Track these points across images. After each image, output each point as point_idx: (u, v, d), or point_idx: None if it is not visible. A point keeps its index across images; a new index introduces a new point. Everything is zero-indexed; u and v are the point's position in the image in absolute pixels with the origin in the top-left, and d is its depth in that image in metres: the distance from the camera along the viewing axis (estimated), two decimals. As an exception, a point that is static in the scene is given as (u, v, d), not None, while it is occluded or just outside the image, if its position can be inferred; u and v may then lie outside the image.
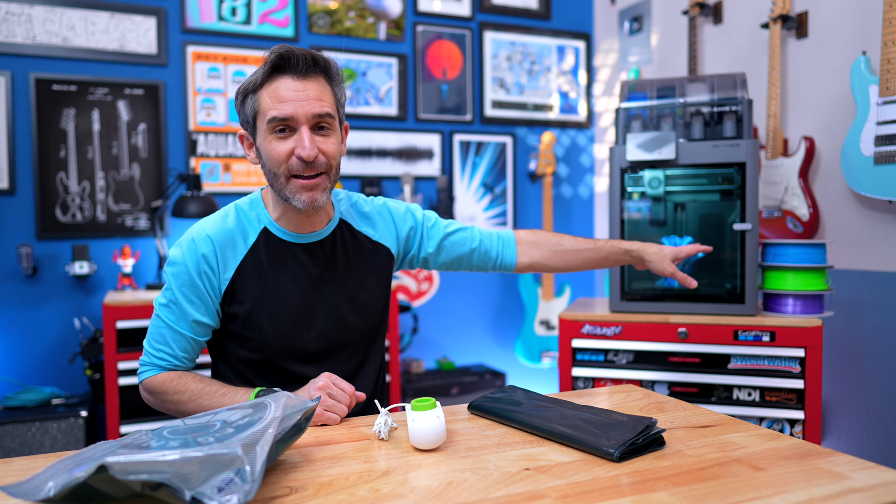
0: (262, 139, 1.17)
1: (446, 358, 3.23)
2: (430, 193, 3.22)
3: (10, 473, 0.84)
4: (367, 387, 1.31)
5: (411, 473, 0.84)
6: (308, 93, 1.13)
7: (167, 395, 1.19)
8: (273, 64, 1.14)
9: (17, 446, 2.24)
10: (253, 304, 1.20)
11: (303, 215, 1.21)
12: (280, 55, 1.13)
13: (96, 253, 2.67)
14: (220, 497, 0.66)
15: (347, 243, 1.29)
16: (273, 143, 1.15)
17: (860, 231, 2.14)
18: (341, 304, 1.26)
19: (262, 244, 1.21)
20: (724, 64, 2.70)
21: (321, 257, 1.25)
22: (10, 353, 2.57)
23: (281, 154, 1.14)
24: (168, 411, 1.22)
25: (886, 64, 1.90)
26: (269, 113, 1.13)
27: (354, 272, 1.28)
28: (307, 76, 1.14)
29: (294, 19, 2.96)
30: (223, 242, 1.19)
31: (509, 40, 3.38)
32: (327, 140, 1.17)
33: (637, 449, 0.89)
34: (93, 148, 2.67)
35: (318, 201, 1.16)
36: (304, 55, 1.14)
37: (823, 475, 0.81)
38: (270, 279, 1.21)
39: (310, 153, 1.13)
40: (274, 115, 1.13)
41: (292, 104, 1.12)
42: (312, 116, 1.14)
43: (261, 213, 1.23)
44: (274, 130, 1.14)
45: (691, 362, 1.91)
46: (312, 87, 1.14)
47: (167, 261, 1.22)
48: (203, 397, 1.15)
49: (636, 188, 2.02)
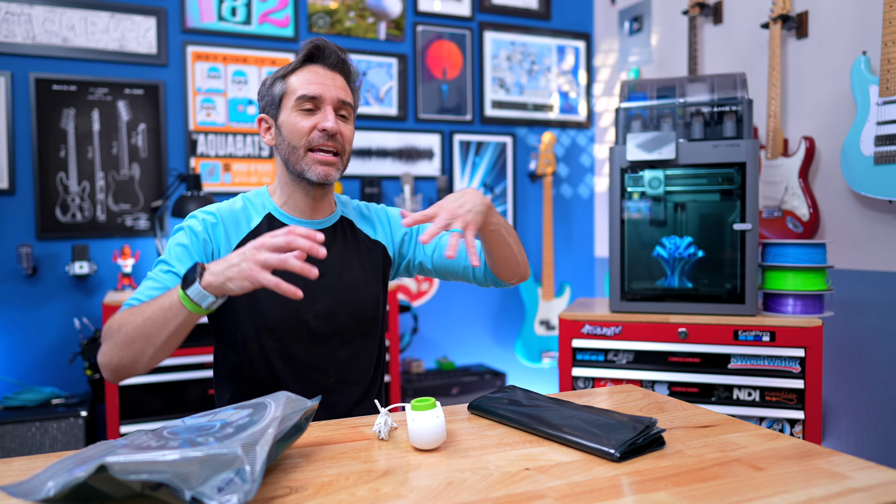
0: (286, 116, 1.24)
1: (446, 358, 3.23)
2: (430, 193, 3.22)
3: (10, 473, 0.84)
4: (361, 381, 1.32)
5: (411, 473, 0.84)
6: (335, 81, 1.26)
7: (112, 325, 1.10)
8: (308, 52, 1.25)
9: (17, 446, 2.24)
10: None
11: (310, 198, 1.28)
12: (316, 45, 1.24)
13: (96, 253, 2.67)
14: (220, 497, 0.66)
15: (347, 237, 1.34)
16: (298, 118, 1.23)
17: (860, 231, 2.14)
18: (339, 291, 1.28)
19: (265, 227, 1.26)
20: (724, 64, 2.70)
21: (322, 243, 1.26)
22: (10, 353, 2.57)
23: (304, 128, 1.22)
24: (117, 346, 1.09)
25: (886, 64, 1.90)
26: (299, 91, 1.23)
27: (353, 263, 1.32)
28: (335, 69, 1.27)
29: (294, 19, 2.96)
30: (227, 220, 1.25)
31: (509, 40, 3.38)
32: (346, 125, 1.27)
33: (637, 449, 0.89)
34: (93, 148, 2.67)
35: (331, 176, 1.24)
36: (337, 51, 1.27)
37: (823, 475, 0.81)
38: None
39: (333, 126, 1.22)
40: (303, 93, 1.22)
41: (321, 86, 1.23)
42: (337, 100, 1.24)
43: (266, 201, 1.30)
44: (301, 108, 1.23)
45: (691, 362, 1.91)
46: (339, 79, 1.27)
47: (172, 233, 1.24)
48: (141, 307, 1.08)
49: (636, 188, 2.02)
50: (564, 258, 3.53)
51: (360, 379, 1.32)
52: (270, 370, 1.24)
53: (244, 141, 2.91)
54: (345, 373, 1.30)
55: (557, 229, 3.49)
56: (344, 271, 1.30)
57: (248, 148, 2.91)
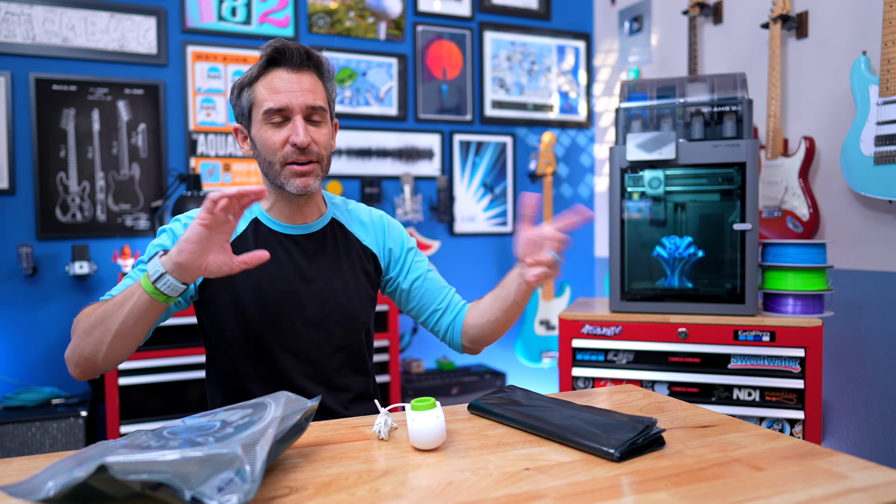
0: (257, 129, 1.21)
1: (446, 358, 3.23)
2: (430, 193, 3.22)
3: (10, 473, 0.84)
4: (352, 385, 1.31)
5: (411, 473, 0.84)
6: (302, 85, 1.19)
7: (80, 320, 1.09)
8: (269, 57, 1.19)
9: (17, 446, 2.24)
10: (236, 289, 1.20)
11: (294, 205, 1.25)
12: (276, 48, 1.18)
13: (96, 253, 2.67)
14: (220, 497, 0.66)
15: (338, 240, 1.31)
16: (269, 133, 1.19)
17: (860, 231, 2.14)
18: (328, 297, 1.26)
19: (250, 232, 1.24)
20: (724, 64, 2.70)
21: (310, 249, 1.27)
22: (10, 353, 2.57)
23: (276, 142, 1.18)
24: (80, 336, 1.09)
25: (886, 64, 1.90)
26: (265, 104, 1.18)
27: (343, 268, 1.29)
28: (301, 69, 1.20)
29: (294, 19, 2.96)
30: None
31: (509, 40, 3.38)
32: (319, 130, 1.21)
33: (637, 449, 0.89)
34: (93, 148, 2.67)
35: (310, 186, 1.21)
36: (299, 49, 1.19)
37: (823, 475, 0.81)
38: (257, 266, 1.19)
39: (304, 140, 1.17)
40: (270, 107, 1.17)
41: (287, 95, 1.17)
42: (306, 107, 1.19)
43: (253, 206, 1.26)
44: (269, 121, 1.19)
45: (691, 362, 1.91)
46: (306, 79, 1.20)
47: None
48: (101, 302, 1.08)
49: (636, 188, 2.02)
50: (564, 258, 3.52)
51: (350, 385, 1.31)
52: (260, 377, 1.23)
53: (244, 141, 2.91)
54: (335, 379, 1.28)
55: (557, 229, 3.48)
56: (333, 277, 1.27)
57: (248, 148, 2.91)
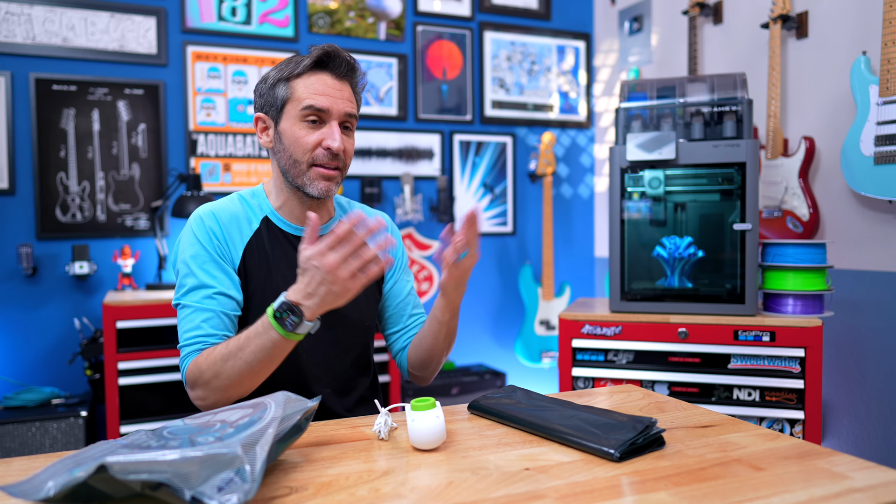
0: (289, 124, 1.20)
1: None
2: (430, 193, 3.22)
3: (10, 473, 0.84)
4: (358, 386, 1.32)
5: (411, 473, 0.84)
6: (343, 93, 1.21)
7: (205, 374, 1.08)
8: (317, 58, 1.19)
9: (17, 446, 2.24)
10: (255, 289, 1.21)
11: (305, 206, 1.25)
12: (326, 52, 1.19)
13: (96, 253, 2.67)
14: (220, 496, 0.66)
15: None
16: (302, 131, 1.19)
17: (860, 231, 2.14)
18: None
19: (264, 231, 1.24)
20: (724, 64, 2.70)
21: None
22: (10, 353, 2.57)
23: (309, 143, 1.19)
24: (220, 395, 1.09)
25: (886, 64, 1.90)
26: (306, 101, 1.18)
27: None
28: (343, 78, 1.22)
29: (294, 19, 2.96)
30: (228, 221, 1.21)
31: (509, 40, 3.38)
32: (349, 139, 1.23)
33: (637, 449, 0.89)
34: (93, 148, 2.67)
35: (331, 191, 1.22)
36: (347, 60, 1.21)
37: (823, 475, 0.81)
38: (273, 266, 1.22)
39: (339, 145, 1.18)
40: (311, 104, 1.17)
41: (329, 99, 1.18)
42: (343, 114, 1.21)
43: (262, 202, 1.26)
44: (305, 119, 1.18)
45: (691, 362, 1.91)
46: (346, 89, 1.22)
47: (178, 249, 1.20)
48: (236, 352, 1.06)
49: (636, 188, 2.02)
50: (564, 258, 3.53)
51: (357, 386, 1.32)
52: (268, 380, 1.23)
53: (244, 141, 2.91)
54: (343, 381, 1.29)
55: (557, 229, 3.49)
56: None
57: (248, 148, 2.91)
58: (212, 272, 1.16)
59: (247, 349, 1.05)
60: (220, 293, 1.15)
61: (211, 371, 1.08)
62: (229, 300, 1.16)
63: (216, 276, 1.16)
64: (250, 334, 1.05)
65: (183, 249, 1.19)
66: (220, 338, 1.14)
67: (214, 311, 1.14)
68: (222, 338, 1.14)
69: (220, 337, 1.14)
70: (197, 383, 1.11)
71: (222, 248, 1.19)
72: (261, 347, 1.04)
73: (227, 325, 1.16)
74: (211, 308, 1.14)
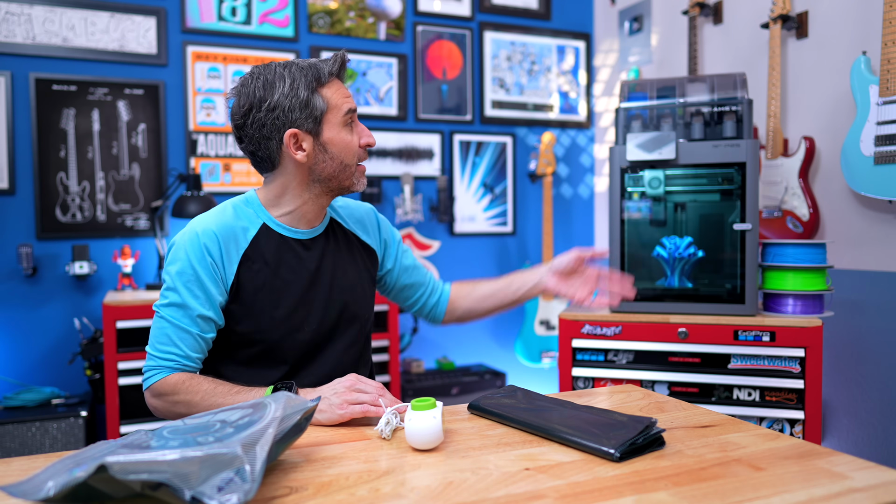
0: (335, 132, 1.22)
1: (446, 358, 3.23)
2: (430, 193, 3.22)
3: (10, 473, 0.84)
4: None
5: (411, 473, 0.84)
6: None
7: (178, 396, 1.15)
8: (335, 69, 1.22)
9: (17, 446, 2.24)
10: (255, 297, 1.21)
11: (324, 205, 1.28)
12: (343, 63, 1.24)
13: (96, 253, 2.67)
14: (220, 496, 0.66)
15: (339, 240, 1.33)
16: (349, 136, 1.23)
17: (860, 231, 2.14)
18: (335, 297, 1.28)
19: (261, 238, 1.23)
20: (724, 64, 2.70)
21: (316, 252, 1.28)
22: (10, 353, 2.57)
23: (356, 144, 1.25)
24: (176, 416, 1.15)
25: (886, 64, 1.90)
26: (345, 105, 1.22)
27: (346, 269, 1.32)
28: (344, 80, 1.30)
29: (294, 19, 2.96)
30: (226, 236, 1.20)
31: (509, 40, 3.38)
32: None
33: (637, 449, 0.89)
34: (93, 148, 2.67)
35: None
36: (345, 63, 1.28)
37: (823, 475, 0.81)
38: (272, 272, 1.22)
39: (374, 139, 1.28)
40: (350, 108, 1.23)
41: (352, 99, 1.26)
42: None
43: (258, 209, 1.25)
44: (347, 123, 1.23)
45: (691, 362, 1.91)
46: None
47: (167, 259, 1.21)
48: (216, 396, 1.13)
49: (636, 188, 2.02)
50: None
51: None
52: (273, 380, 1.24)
53: (244, 141, 2.90)
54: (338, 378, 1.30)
55: (557, 229, 3.49)
56: (337, 277, 1.30)
57: (248, 148, 2.91)
58: (195, 292, 1.17)
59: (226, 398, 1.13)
60: (200, 315, 1.18)
61: (186, 397, 1.15)
62: (207, 322, 1.19)
63: (198, 297, 1.17)
64: (241, 391, 1.14)
65: (171, 261, 1.20)
66: (195, 362, 1.20)
67: (191, 332, 1.18)
68: (197, 361, 1.20)
69: (196, 361, 1.20)
70: (165, 394, 1.17)
71: (216, 267, 1.19)
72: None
73: (202, 347, 1.21)
74: (188, 329, 1.18)
